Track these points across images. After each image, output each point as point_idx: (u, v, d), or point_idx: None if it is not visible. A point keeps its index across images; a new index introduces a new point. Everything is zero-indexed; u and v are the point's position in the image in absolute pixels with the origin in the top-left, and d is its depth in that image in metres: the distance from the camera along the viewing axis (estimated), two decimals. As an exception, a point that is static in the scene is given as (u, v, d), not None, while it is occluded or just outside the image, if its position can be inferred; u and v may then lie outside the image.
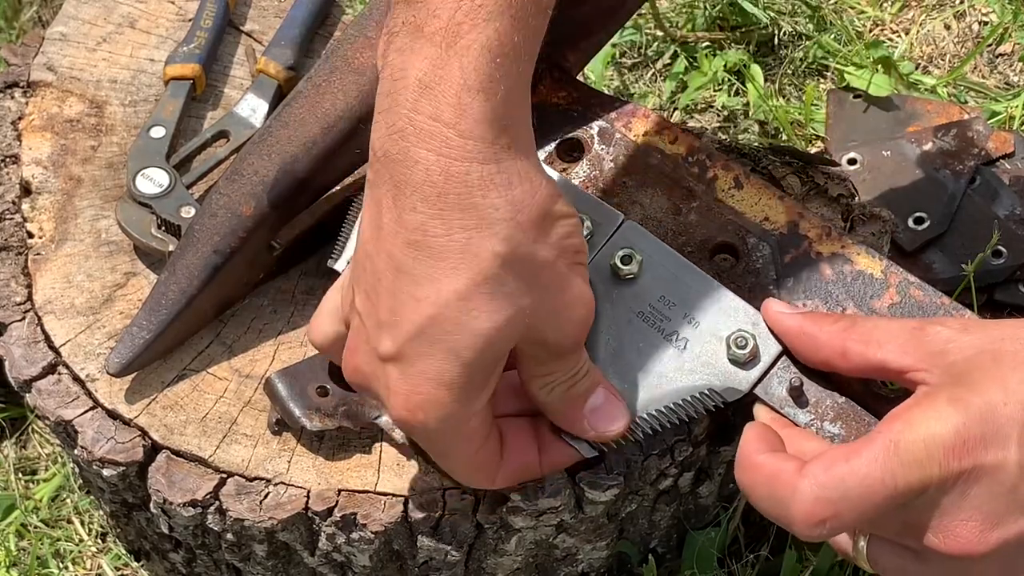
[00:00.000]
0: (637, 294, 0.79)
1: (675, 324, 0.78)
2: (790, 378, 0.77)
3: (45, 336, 0.86)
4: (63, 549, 1.11)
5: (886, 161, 1.29)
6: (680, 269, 0.79)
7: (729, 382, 0.77)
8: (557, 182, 0.81)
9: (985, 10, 1.50)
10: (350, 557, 0.84)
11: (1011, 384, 0.64)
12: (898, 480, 0.63)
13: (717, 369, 0.77)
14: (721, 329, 0.78)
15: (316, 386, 0.81)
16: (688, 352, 0.77)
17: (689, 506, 0.93)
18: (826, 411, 0.76)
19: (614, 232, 0.80)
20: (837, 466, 0.64)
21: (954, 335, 0.68)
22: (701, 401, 0.77)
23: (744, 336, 0.77)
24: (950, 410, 0.64)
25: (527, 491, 0.79)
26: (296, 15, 1.01)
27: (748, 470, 0.69)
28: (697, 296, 0.78)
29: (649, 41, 1.49)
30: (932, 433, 0.63)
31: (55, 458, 1.17)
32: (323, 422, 0.80)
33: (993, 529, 0.64)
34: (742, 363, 0.77)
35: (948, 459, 0.63)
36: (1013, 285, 1.22)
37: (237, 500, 0.80)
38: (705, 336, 0.78)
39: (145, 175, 0.91)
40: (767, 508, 0.68)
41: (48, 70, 0.99)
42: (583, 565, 0.90)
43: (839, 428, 0.76)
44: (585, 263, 0.70)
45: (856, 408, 0.76)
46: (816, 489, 0.64)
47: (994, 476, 0.63)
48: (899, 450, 0.64)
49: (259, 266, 0.87)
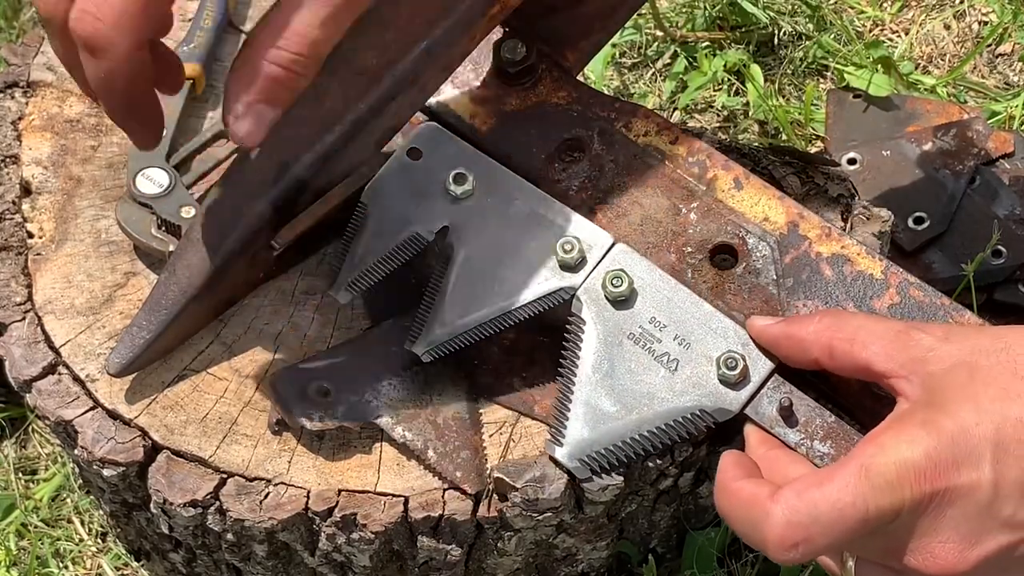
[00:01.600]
0: (628, 316, 0.80)
1: (666, 346, 0.79)
2: (780, 398, 0.77)
3: (45, 336, 0.86)
4: (63, 549, 1.11)
5: (886, 161, 1.29)
6: (671, 291, 0.80)
7: (720, 403, 0.78)
8: (545, 200, 0.82)
9: (985, 10, 1.50)
10: (350, 557, 0.84)
11: (983, 403, 0.65)
12: (869, 504, 0.64)
13: (708, 390, 0.78)
14: (711, 350, 0.78)
15: (316, 386, 0.81)
16: (679, 373, 0.78)
17: (689, 506, 0.93)
18: (816, 430, 0.77)
19: (605, 254, 0.81)
20: (809, 491, 0.65)
21: (935, 343, 0.69)
22: (692, 422, 0.78)
23: (734, 357, 0.78)
24: (922, 433, 0.64)
25: (527, 491, 0.79)
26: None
27: (725, 495, 0.70)
28: (687, 318, 0.80)
29: (649, 41, 1.49)
30: (903, 458, 0.64)
31: (55, 458, 1.17)
32: (323, 423, 0.80)
33: (972, 548, 0.64)
34: (732, 384, 0.78)
35: (920, 483, 0.64)
36: (1013, 285, 1.22)
37: (237, 500, 0.80)
38: (695, 357, 0.79)
39: (145, 175, 0.91)
40: (743, 532, 0.68)
41: (48, 70, 0.99)
42: (583, 565, 0.90)
43: (829, 447, 0.77)
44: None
45: (846, 427, 0.77)
46: (788, 514, 0.65)
47: (969, 496, 0.63)
48: (870, 475, 0.64)
49: (259, 266, 0.87)
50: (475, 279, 0.82)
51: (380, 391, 0.82)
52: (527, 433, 0.84)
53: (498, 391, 0.85)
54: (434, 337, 0.82)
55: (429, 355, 0.82)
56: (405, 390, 0.83)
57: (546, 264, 0.82)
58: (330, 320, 0.88)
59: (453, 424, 0.81)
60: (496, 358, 0.86)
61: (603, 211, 0.86)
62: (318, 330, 0.88)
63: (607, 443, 0.78)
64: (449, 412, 0.82)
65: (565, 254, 0.81)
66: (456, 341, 0.82)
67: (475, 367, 0.86)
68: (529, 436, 0.83)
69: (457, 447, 0.81)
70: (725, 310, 0.82)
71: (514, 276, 0.82)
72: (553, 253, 0.81)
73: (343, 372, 0.83)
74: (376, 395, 0.82)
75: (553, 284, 0.81)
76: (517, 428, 0.84)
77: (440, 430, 0.81)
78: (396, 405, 0.82)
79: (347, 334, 0.88)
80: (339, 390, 0.82)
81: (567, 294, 0.81)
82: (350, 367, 0.83)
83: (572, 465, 0.78)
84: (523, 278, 0.82)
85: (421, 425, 0.81)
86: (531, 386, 0.85)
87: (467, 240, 0.82)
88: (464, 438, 0.81)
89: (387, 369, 0.83)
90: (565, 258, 0.81)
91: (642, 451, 0.78)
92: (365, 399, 0.81)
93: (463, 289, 0.82)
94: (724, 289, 0.83)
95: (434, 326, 0.82)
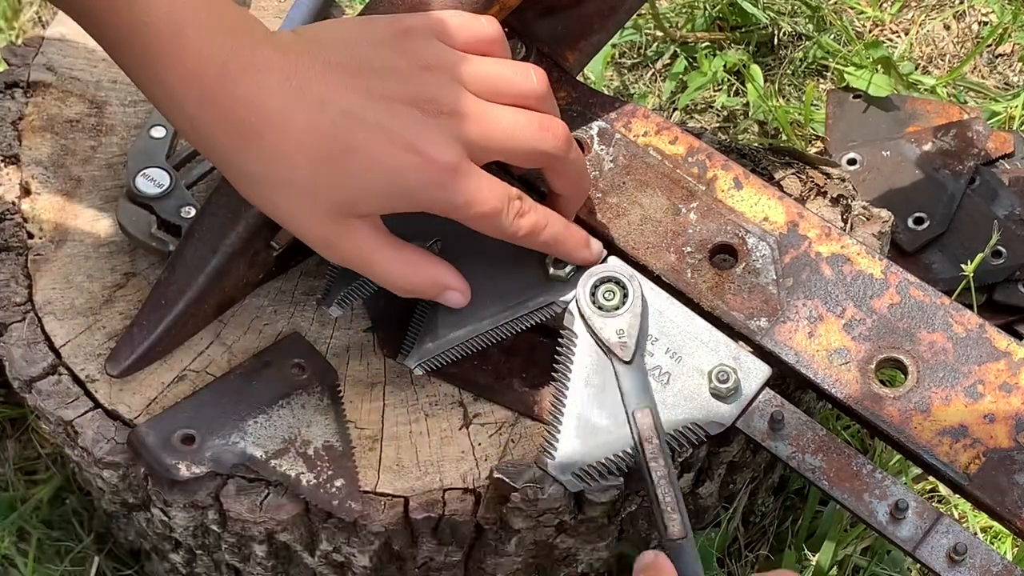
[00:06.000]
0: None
1: (657, 359, 0.79)
2: (771, 411, 0.78)
3: (45, 337, 0.86)
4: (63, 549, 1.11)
5: (886, 161, 1.30)
6: (662, 304, 0.80)
7: (711, 416, 0.78)
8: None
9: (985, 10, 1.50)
10: (350, 558, 0.84)
11: None
12: None
13: (699, 403, 0.78)
14: (703, 364, 0.79)
15: (180, 434, 0.80)
16: (671, 387, 0.78)
17: (689, 506, 0.93)
18: (807, 443, 0.77)
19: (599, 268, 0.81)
20: None
21: None
22: (684, 435, 0.78)
23: (726, 370, 0.78)
24: None
25: (527, 492, 0.79)
26: (295, 15, 1.01)
27: None
28: (679, 331, 0.80)
29: (649, 41, 1.49)
30: None
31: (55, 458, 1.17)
32: (190, 471, 0.79)
33: None
34: (724, 397, 0.78)
35: None
36: (1013, 285, 1.22)
37: (237, 501, 0.80)
38: (687, 371, 0.79)
39: (145, 175, 0.91)
40: None
41: (48, 70, 0.99)
42: (583, 565, 0.90)
43: (820, 460, 0.77)
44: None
45: (836, 440, 0.77)
46: None
47: None
48: None
49: (259, 266, 0.87)
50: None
51: (247, 430, 0.80)
52: (527, 433, 0.84)
53: (497, 391, 0.85)
54: (426, 350, 0.82)
55: (421, 368, 0.83)
56: (272, 426, 0.81)
57: (538, 277, 0.82)
58: (330, 321, 0.88)
59: (324, 454, 0.80)
60: (495, 358, 0.86)
61: (603, 211, 0.86)
62: (318, 330, 0.88)
63: (599, 456, 0.78)
64: (319, 442, 0.81)
65: (556, 268, 0.81)
66: (448, 354, 0.82)
67: (475, 367, 0.86)
68: (528, 436, 0.83)
69: (330, 476, 0.80)
70: (724, 310, 0.82)
71: (506, 289, 0.82)
72: (544, 266, 0.81)
73: (207, 416, 0.81)
74: (243, 435, 0.80)
75: (545, 297, 0.81)
76: (516, 428, 0.84)
77: (311, 461, 0.80)
78: (264, 443, 0.80)
79: (347, 334, 0.88)
80: (204, 435, 0.80)
81: (559, 307, 0.81)
82: (214, 410, 0.81)
83: (564, 478, 0.78)
84: (515, 291, 0.82)
85: (291, 459, 0.80)
86: (530, 386, 0.85)
87: (459, 253, 0.82)
88: (337, 466, 0.80)
89: (252, 407, 0.81)
90: (557, 272, 0.81)
91: (635, 465, 0.78)
92: (232, 440, 0.80)
93: None
94: (724, 289, 0.83)
95: (425, 339, 0.82)
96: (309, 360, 0.85)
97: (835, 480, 0.77)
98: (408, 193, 0.73)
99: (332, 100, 0.72)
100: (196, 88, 0.70)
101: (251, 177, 0.73)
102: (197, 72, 0.70)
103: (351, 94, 0.72)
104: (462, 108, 0.74)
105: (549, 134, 0.77)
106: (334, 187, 0.72)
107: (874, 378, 0.79)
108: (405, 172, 0.72)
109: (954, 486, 0.77)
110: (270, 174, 0.72)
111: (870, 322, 0.81)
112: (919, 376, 0.79)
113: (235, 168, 0.73)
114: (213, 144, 0.73)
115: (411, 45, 0.75)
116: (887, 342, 0.80)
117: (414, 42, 0.75)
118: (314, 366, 0.85)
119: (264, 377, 0.83)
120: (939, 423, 0.78)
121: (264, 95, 0.71)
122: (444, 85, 0.74)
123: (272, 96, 0.71)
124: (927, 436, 0.78)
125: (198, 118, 0.71)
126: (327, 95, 0.72)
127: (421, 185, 0.73)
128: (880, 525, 0.76)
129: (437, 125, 0.73)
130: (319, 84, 0.72)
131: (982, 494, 0.76)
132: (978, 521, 1.09)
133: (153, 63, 0.70)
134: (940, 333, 0.80)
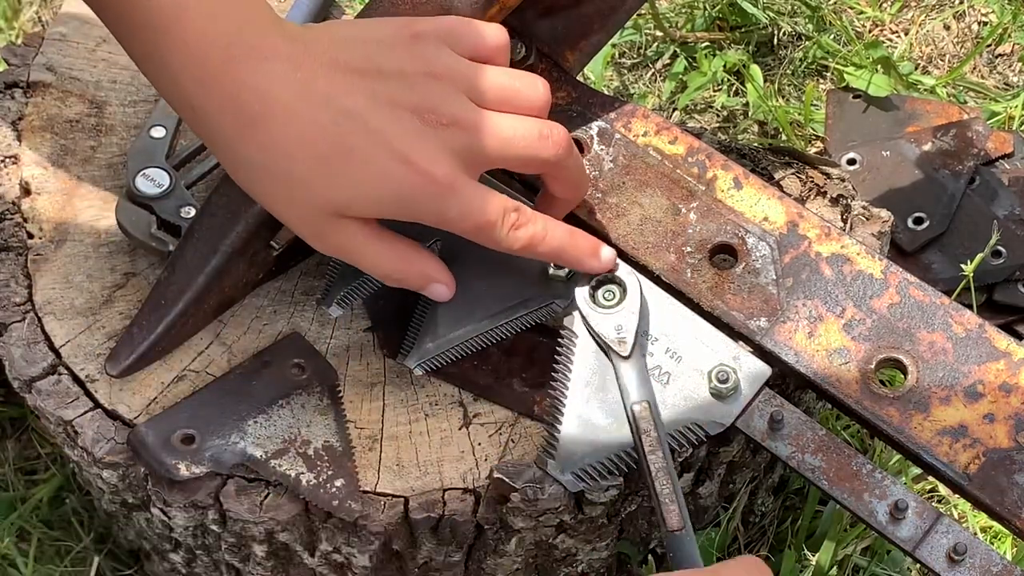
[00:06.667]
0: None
1: (657, 359, 0.79)
2: (771, 411, 0.78)
3: (45, 337, 0.86)
4: (63, 549, 1.11)
5: (885, 161, 1.30)
6: (662, 304, 0.80)
7: (711, 416, 0.78)
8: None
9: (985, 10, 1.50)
10: (350, 558, 0.84)
11: None
12: None
13: (699, 403, 0.78)
14: (703, 363, 0.79)
15: (180, 434, 0.80)
16: (670, 387, 0.78)
17: (689, 506, 0.93)
18: (807, 443, 0.77)
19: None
20: None
21: None
22: (684, 435, 0.78)
23: (726, 370, 0.78)
24: None
25: (527, 491, 0.79)
26: (295, 15, 1.01)
27: None
28: (679, 331, 0.80)
29: (649, 41, 1.49)
30: None
31: (55, 458, 1.17)
32: (190, 471, 0.79)
33: None
34: (724, 397, 0.78)
35: None
36: (1012, 285, 1.22)
37: (237, 501, 0.80)
38: (687, 371, 0.79)
39: (145, 175, 0.91)
40: None
41: (48, 70, 0.99)
42: (583, 565, 0.90)
43: (820, 460, 0.77)
44: None
45: (836, 440, 0.77)
46: None
47: None
48: None
49: (259, 266, 0.87)
50: (466, 292, 0.82)
51: (247, 430, 0.80)
52: (526, 433, 0.84)
53: (497, 391, 0.85)
54: (425, 350, 0.82)
55: (421, 368, 0.83)
56: (272, 426, 0.81)
57: (537, 277, 0.82)
58: (330, 321, 0.88)
59: (324, 454, 0.81)
60: (495, 358, 0.86)
61: (602, 211, 0.87)
62: (318, 330, 0.88)
63: (599, 456, 0.78)
64: (319, 443, 0.81)
65: (556, 268, 0.81)
66: (448, 354, 0.82)
67: (475, 367, 0.86)
68: (528, 436, 0.83)
69: (330, 476, 0.80)
70: (724, 310, 0.82)
71: (505, 289, 0.82)
72: (544, 266, 0.81)
73: (207, 416, 0.81)
74: (243, 435, 0.80)
75: (545, 297, 0.81)
76: (516, 428, 0.84)
77: (311, 461, 0.80)
78: (264, 443, 0.80)
79: (347, 334, 0.88)
80: (204, 435, 0.80)
81: (559, 307, 0.81)
82: (214, 410, 0.81)
83: (564, 478, 0.78)
84: (514, 291, 0.82)
85: (291, 459, 0.80)
86: (530, 386, 0.85)
87: (458, 254, 0.82)
88: (336, 466, 0.80)
89: (252, 407, 0.81)
90: (556, 272, 0.81)
91: (635, 464, 0.78)
92: (232, 440, 0.80)
93: (454, 302, 0.82)
94: (723, 289, 0.83)
95: (425, 339, 0.82)
96: (309, 360, 0.85)
97: (835, 480, 0.77)
98: (401, 203, 0.73)
99: (337, 98, 0.72)
100: (198, 69, 0.70)
101: (249, 164, 0.73)
102: (200, 53, 0.69)
103: (356, 95, 0.72)
104: (462, 119, 0.74)
105: (549, 142, 0.77)
106: (330, 187, 0.72)
107: (874, 378, 0.79)
108: (400, 183, 0.72)
109: (954, 486, 0.77)
110: (269, 164, 0.72)
111: (870, 322, 0.81)
112: (919, 376, 0.79)
113: (233, 153, 0.73)
114: (213, 128, 0.72)
115: (419, 50, 0.75)
116: (887, 342, 0.80)
117: (422, 48, 0.75)
118: (314, 366, 0.85)
119: (264, 377, 0.83)
120: (939, 423, 0.78)
121: (269, 83, 0.70)
122: (447, 95, 0.74)
123: (277, 85, 0.70)
124: (927, 436, 0.78)
125: (199, 100, 0.71)
126: (332, 92, 0.72)
127: (414, 197, 0.73)
128: (880, 525, 0.76)
129: (436, 136, 0.73)
130: (325, 80, 0.72)
131: (982, 494, 0.76)
132: (978, 521, 1.09)
133: (155, 40, 0.70)
134: (940, 333, 0.80)
